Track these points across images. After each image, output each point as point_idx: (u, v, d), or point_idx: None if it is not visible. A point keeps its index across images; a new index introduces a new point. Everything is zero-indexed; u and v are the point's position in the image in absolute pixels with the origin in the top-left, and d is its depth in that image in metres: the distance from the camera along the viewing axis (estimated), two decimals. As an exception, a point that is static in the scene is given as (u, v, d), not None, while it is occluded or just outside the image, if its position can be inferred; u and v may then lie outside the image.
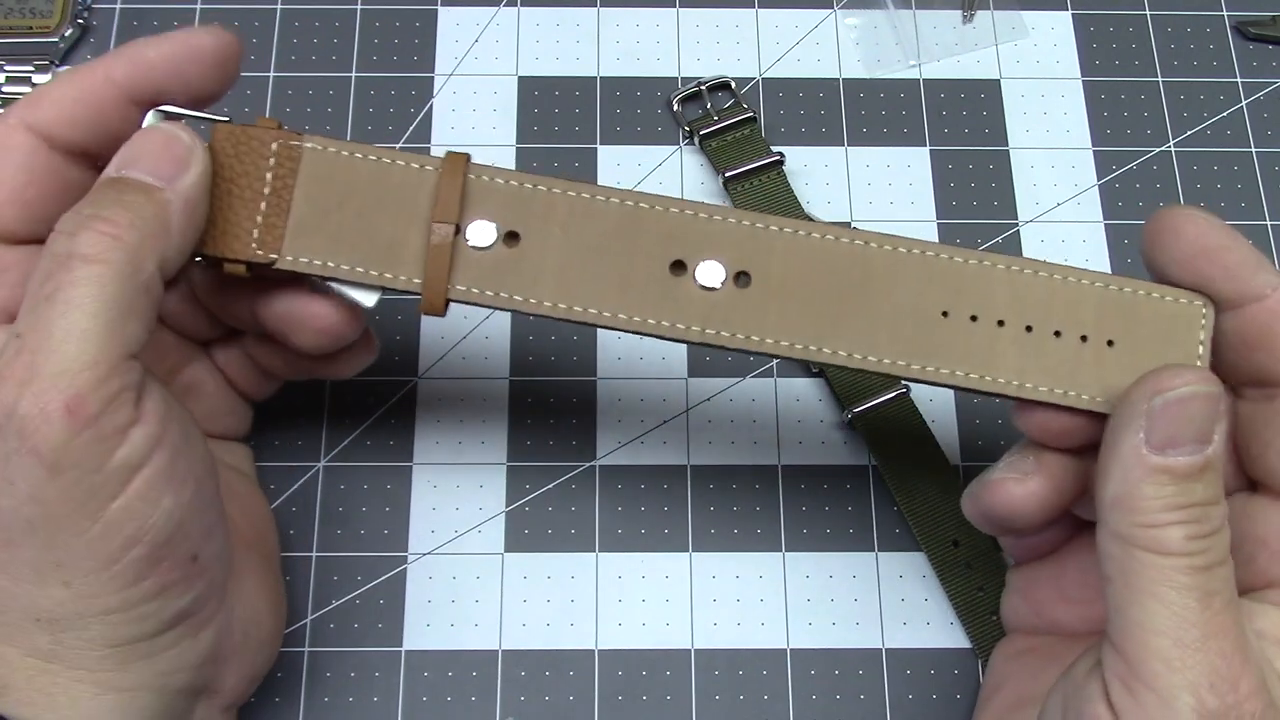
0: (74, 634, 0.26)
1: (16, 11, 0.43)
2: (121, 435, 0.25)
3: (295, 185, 0.29)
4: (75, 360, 0.24)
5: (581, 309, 0.29)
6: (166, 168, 0.27)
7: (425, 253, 0.29)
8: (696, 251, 0.29)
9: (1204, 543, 0.26)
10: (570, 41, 0.44)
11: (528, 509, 0.38)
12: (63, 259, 0.25)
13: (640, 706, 0.36)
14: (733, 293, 0.29)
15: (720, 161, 0.42)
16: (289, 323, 0.30)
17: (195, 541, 0.27)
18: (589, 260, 0.29)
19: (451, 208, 0.29)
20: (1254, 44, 0.45)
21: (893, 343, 0.29)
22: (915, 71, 0.44)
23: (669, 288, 0.29)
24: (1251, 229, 0.42)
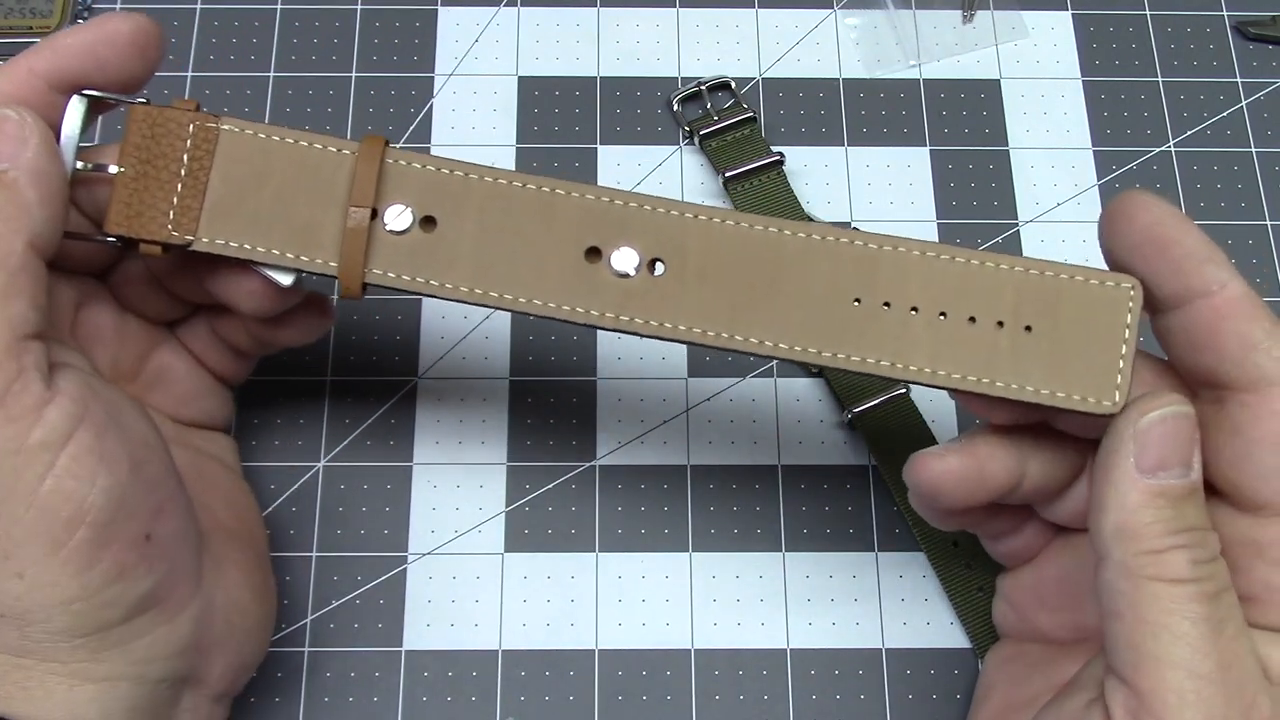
0: (40, 627, 0.26)
1: (16, 11, 0.43)
2: (35, 415, 0.25)
3: (212, 167, 0.29)
4: None
5: (497, 294, 0.29)
6: (4, 148, 0.27)
7: (342, 236, 0.29)
8: (612, 238, 0.29)
9: (1208, 568, 0.25)
10: (570, 41, 0.44)
11: (528, 509, 0.38)
12: None
13: (640, 706, 0.36)
14: (646, 280, 0.29)
15: (720, 162, 0.42)
16: (228, 295, 0.31)
17: (145, 521, 0.27)
18: (504, 245, 0.29)
19: (368, 192, 0.29)
20: (1254, 44, 0.45)
21: (805, 330, 0.28)
22: (915, 71, 0.44)
23: (584, 274, 0.29)
24: (1251, 229, 0.42)
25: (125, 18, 0.29)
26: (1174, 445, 0.26)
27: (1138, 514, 0.26)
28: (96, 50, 0.29)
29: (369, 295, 0.30)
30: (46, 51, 0.29)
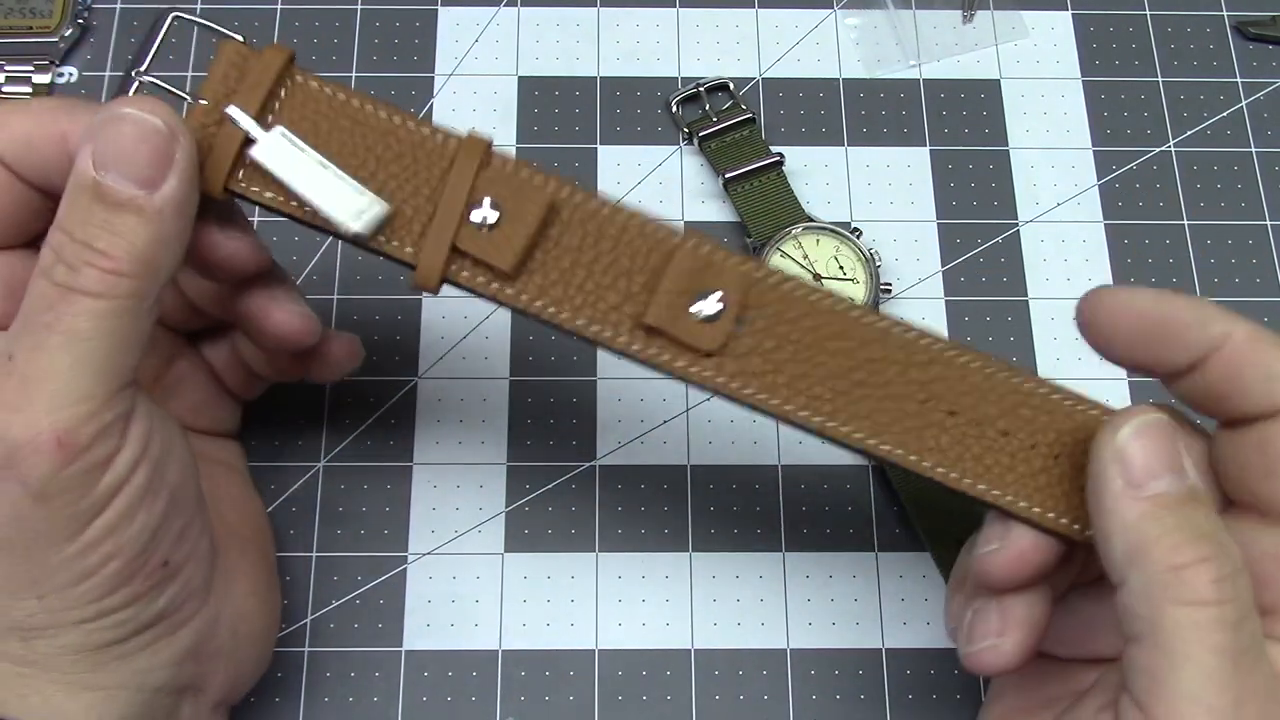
0: (46, 641, 0.26)
1: (16, 11, 0.43)
2: (108, 463, 0.25)
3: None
4: (71, 393, 0.24)
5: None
6: (149, 169, 0.25)
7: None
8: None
9: (1231, 587, 0.24)
10: (570, 41, 0.44)
11: (528, 509, 0.38)
12: (64, 291, 0.25)
13: (640, 706, 0.36)
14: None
15: (720, 163, 0.42)
16: (252, 320, 0.30)
17: (166, 548, 0.27)
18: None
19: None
20: (1254, 44, 0.45)
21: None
22: (915, 71, 0.44)
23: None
24: (1251, 229, 0.42)
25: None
26: (1157, 453, 0.25)
27: (1142, 529, 0.25)
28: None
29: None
30: (80, 110, 0.27)
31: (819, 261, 0.40)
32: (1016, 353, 0.40)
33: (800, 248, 0.40)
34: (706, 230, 0.42)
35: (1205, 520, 0.25)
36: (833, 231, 0.40)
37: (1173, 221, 0.42)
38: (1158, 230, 0.42)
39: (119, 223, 0.25)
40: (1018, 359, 0.40)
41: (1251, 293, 0.41)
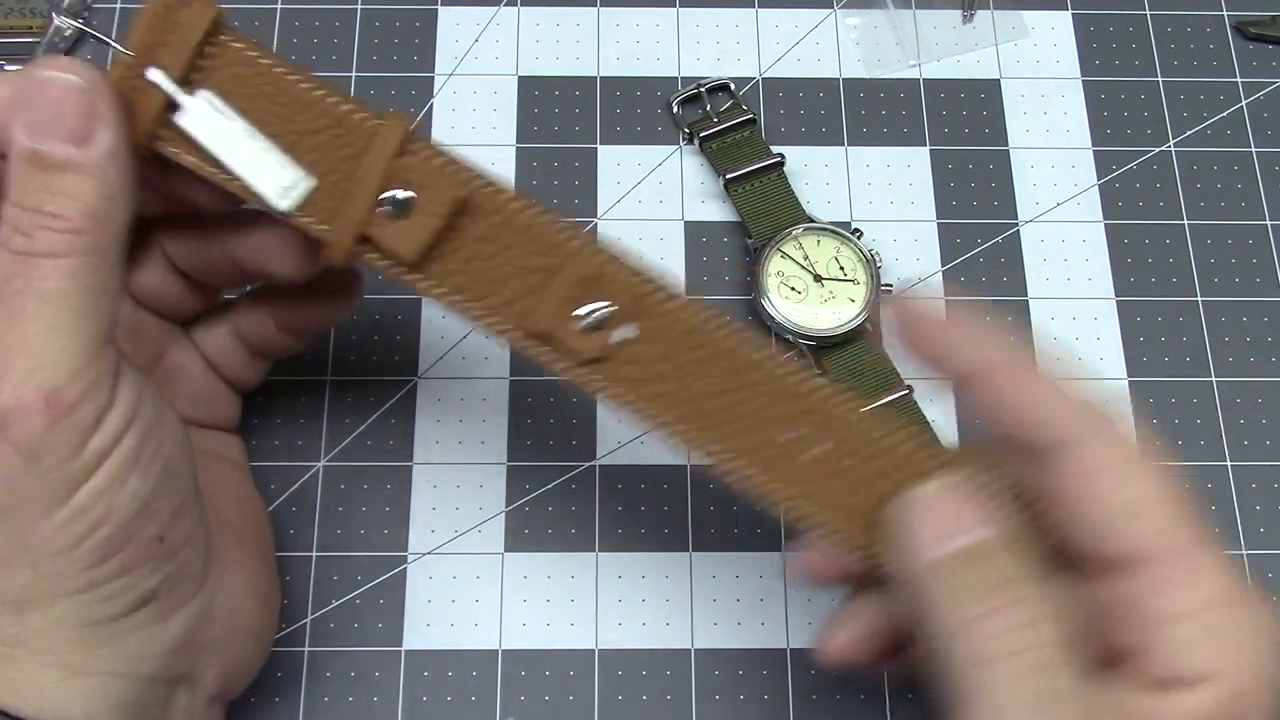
0: (39, 614, 0.26)
1: (16, 11, 0.43)
2: (97, 421, 0.25)
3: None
4: (52, 353, 0.25)
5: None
6: (77, 126, 0.26)
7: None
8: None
9: (1027, 635, 0.24)
10: (570, 41, 0.44)
11: (528, 509, 0.38)
12: (24, 258, 0.25)
13: (640, 706, 0.36)
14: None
15: (720, 163, 0.42)
16: (265, 251, 0.30)
17: (162, 522, 0.27)
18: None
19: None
20: (1254, 44, 0.45)
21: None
22: (915, 71, 0.44)
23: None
24: (1251, 229, 0.42)
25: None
26: (944, 519, 0.25)
27: (930, 589, 0.25)
28: None
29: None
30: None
31: (819, 262, 0.40)
32: (1016, 353, 0.40)
33: (801, 248, 0.40)
34: (708, 230, 0.42)
35: (994, 573, 0.25)
36: (833, 232, 0.40)
37: (1173, 221, 0.42)
38: (1158, 230, 0.42)
39: (61, 183, 0.25)
40: (1018, 359, 0.40)
41: (1251, 293, 0.41)
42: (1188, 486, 0.39)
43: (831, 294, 0.40)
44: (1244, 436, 0.39)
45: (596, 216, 0.42)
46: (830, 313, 0.40)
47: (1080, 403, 0.26)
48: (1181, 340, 0.41)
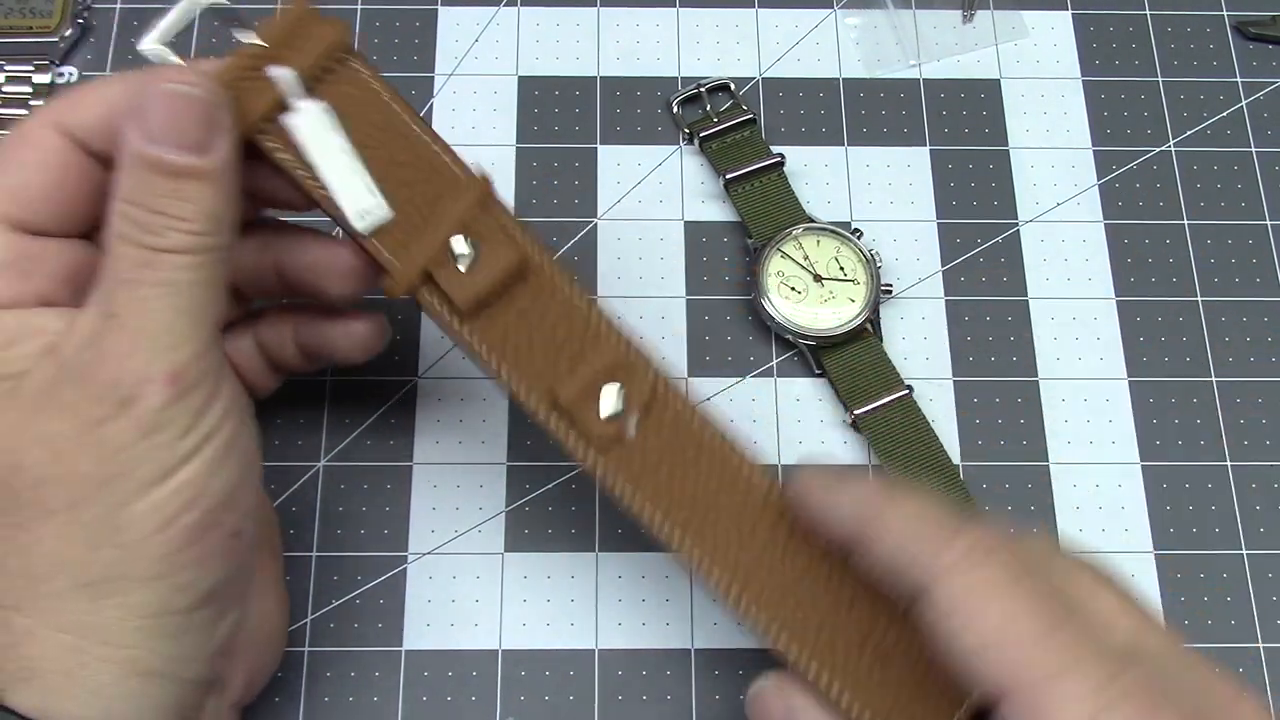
0: (115, 600, 0.26)
1: (16, 11, 0.43)
2: (206, 407, 0.27)
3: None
4: (177, 336, 0.27)
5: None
6: (200, 137, 0.27)
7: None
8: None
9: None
10: (570, 41, 0.44)
11: (528, 509, 0.38)
12: (154, 253, 0.27)
13: (640, 706, 0.36)
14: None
15: (720, 163, 0.42)
16: (319, 269, 0.32)
17: (239, 517, 0.28)
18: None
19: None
20: (1254, 44, 0.45)
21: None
22: (915, 71, 0.44)
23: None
24: (1251, 229, 0.42)
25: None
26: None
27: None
28: None
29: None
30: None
31: (819, 263, 0.40)
32: (1016, 353, 0.40)
33: (801, 248, 0.40)
34: (708, 230, 0.42)
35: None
36: (833, 232, 0.40)
37: (1173, 221, 0.42)
38: (1158, 230, 0.42)
39: (185, 189, 0.27)
40: (1017, 360, 0.40)
41: (1251, 293, 0.41)
42: (1188, 486, 0.39)
43: (831, 294, 0.40)
44: (1244, 436, 0.39)
45: (596, 216, 0.42)
46: (830, 313, 0.40)
47: (947, 535, 0.26)
48: (1181, 340, 0.41)
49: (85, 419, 0.26)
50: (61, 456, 0.26)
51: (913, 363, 0.40)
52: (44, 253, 0.29)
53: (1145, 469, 0.39)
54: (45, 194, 0.29)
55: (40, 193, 0.29)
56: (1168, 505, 0.38)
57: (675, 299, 0.41)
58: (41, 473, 0.26)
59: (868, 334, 0.40)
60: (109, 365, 0.26)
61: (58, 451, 0.26)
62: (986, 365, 0.40)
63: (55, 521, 0.26)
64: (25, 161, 0.29)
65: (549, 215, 0.42)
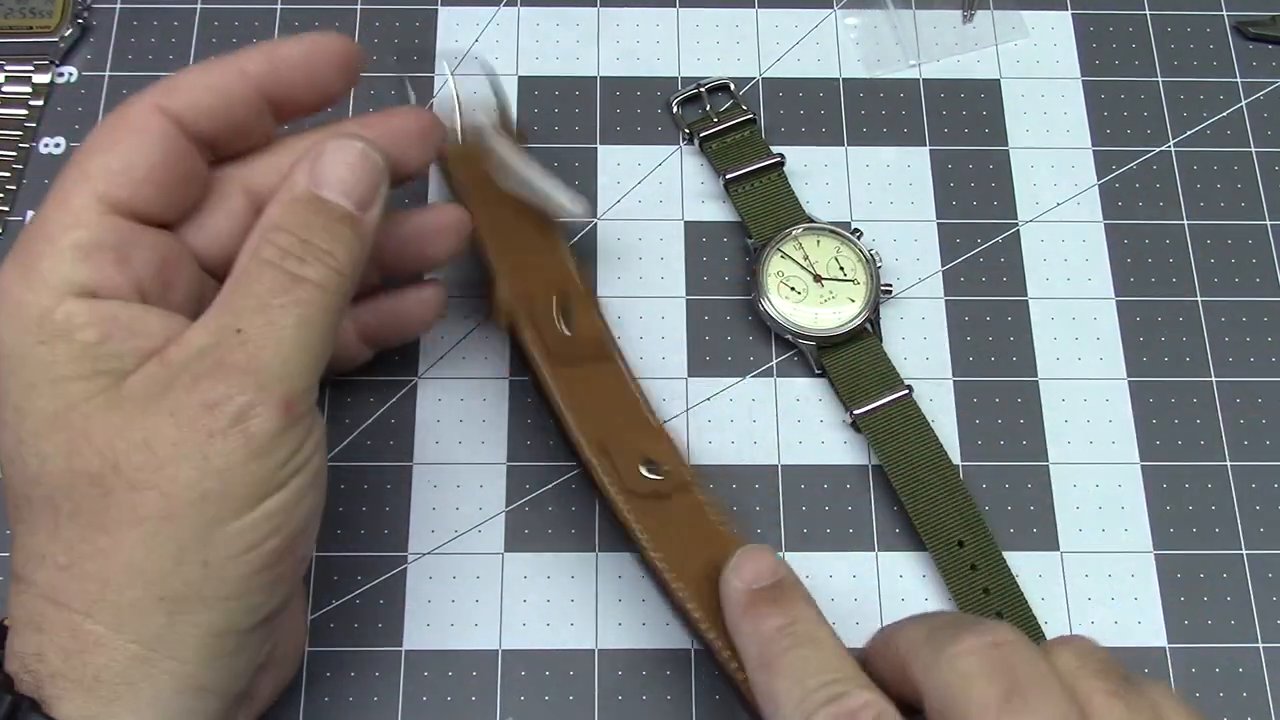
0: (188, 618, 0.26)
1: (16, 11, 0.43)
2: (307, 437, 0.28)
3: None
4: (298, 365, 0.27)
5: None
6: (363, 193, 0.29)
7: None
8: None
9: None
10: (570, 41, 0.44)
11: (528, 509, 0.38)
12: (295, 278, 0.28)
13: (640, 706, 0.36)
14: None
15: (721, 163, 0.42)
16: (423, 233, 0.35)
17: (309, 542, 0.29)
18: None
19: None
20: (1254, 44, 0.45)
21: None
22: (915, 71, 0.44)
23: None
24: (1251, 229, 0.42)
25: (341, 39, 0.31)
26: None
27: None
28: (313, 65, 0.31)
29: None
30: (260, 56, 0.30)
31: (819, 263, 0.40)
32: (1016, 353, 0.40)
33: (801, 248, 0.40)
34: (708, 230, 0.42)
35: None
36: (833, 232, 0.40)
37: (1173, 221, 0.42)
38: (1158, 230, 0.42)
39: (339, 231, 0.29)
40: (1017, 360, 0.40)
41: (1251, 292, 0.41)
42: (1188, 486, 0.39)
43: (831, 294, 0.40)
44: (1244, 436, 0.39)
45: (597, 216, 0.42)
46: (830, 313, 0.40)
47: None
48: (1181, 340, 0.41)
49: (195, 430, 0.26)
50: (164, 464, 0.26)
51: (913, 363, 0.40)
52: (141, 240, 0.29)
53: (1145, 469, 0.39)
54: (149, 176, 0.29)
55: (145, 174, 0.29)
56: (1168, 505, 0.38)
57: (675, 299, 0.41)
58: (139, 477, 0.26)
59: (868, 334, 0.40)
60: (228, 379, 0.26)
61: (161, 458, 0.26)
62: (986, 365, 0.40)
63: (143, 530, 0.26)
64: (130, 143, 0.29)
65: (549, 215, 0.42)
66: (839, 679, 0.29)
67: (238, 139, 0.31)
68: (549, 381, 0.36)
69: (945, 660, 0.27)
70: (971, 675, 0.27)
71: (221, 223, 0.31)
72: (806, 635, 0.30)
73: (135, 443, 0.26)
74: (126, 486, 0.26)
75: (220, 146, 0.31)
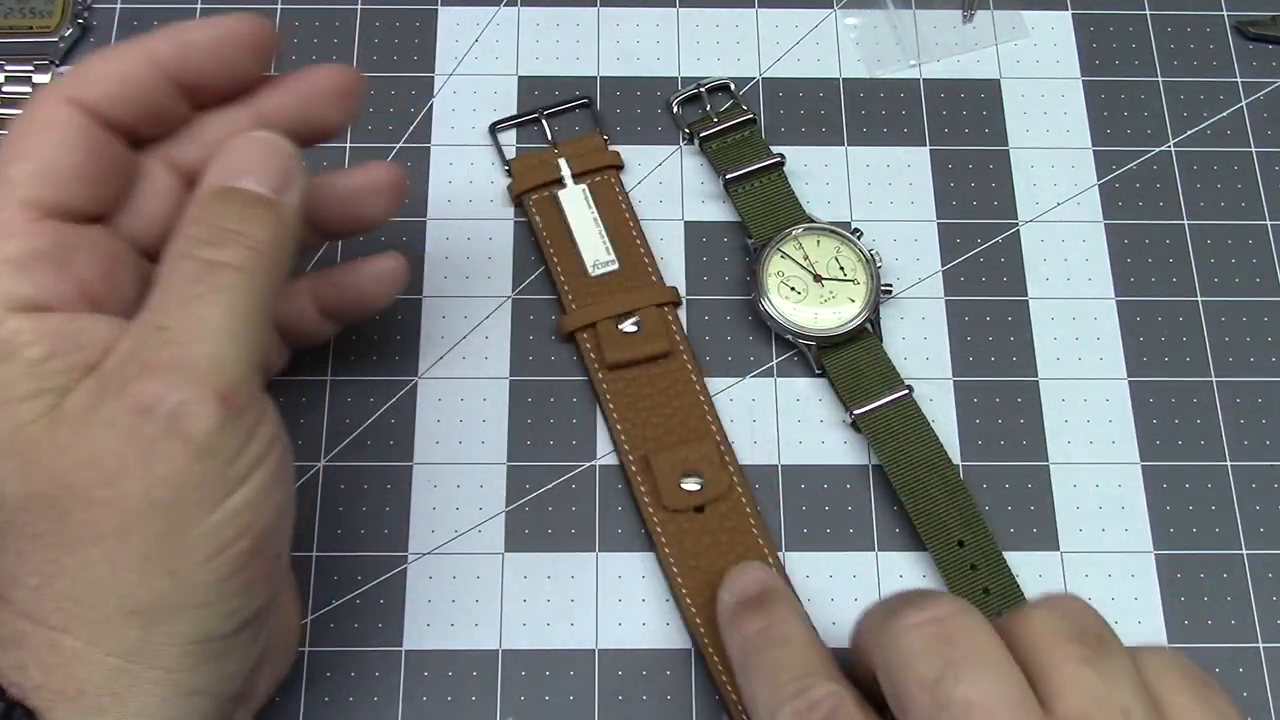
0: (164, 628, 0.26)
1: (16, 11, 0.43)
2: (254, 431, 0.27)
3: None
4: (229, 355, 0.26)
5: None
6: (276, 179, 0.29)
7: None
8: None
9: None
10: (570, 41, 0.44)
11: (528, 509, 0.38)
12: (211, 265, 0.27)
13: (640, 706, 0.36)
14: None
15: (721, 163, 0.42)
16: (361, 192, 0.34)
17: (282, 541, 0.28)
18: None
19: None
20: (1254, 44, 0.45)
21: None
22: (915, 71, 0.44)
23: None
24: (1251, 229, 0.42)
25: (253, 20, 0.30)
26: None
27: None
28: (221, 49, 0.30)
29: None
30: (167, 41, 0.29)
31: (819, 263, 0.40)
32: (1016, 353, 0.40)
33: (801, 248, 0.40)
34: (708, 230, 0.42)
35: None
36: (833, 232, 0.40)
37: (1173, 221, 0.42)
38: (1158, 230, 0.42)
39: (254, 214, 0.28)
40: (1017, 360, 0.40)
41: (1251, 292, 0.41)
42: (1188, 486, 0.39)
43: (831, 294, 0.40)
44: (1244, 436, 0.39)
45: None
46: (830, 313, 0.40)
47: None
48: (1181, 340, 0.41)
49: (134, 439, 0.25)
50: (112, 479, 0.25)
51: (913, 363, 0.40)
52: (78, 241, 0.28)
53: (1145, 469, 0.39)
54: (74, 173, 0.28)
55: (69, 171, 0.28)
56: (1168, 505, 0.38)
57: (675, 299, 0.41)
58: (91, 494, 0.25)
59: (868, 334, 0.40)
60: (157, 380, 0.25)
61: (107, 473, 0.25)
62: (986, 365, 0.40)
63: (104, 546, 0.25)
64: (47, 142, 0.28)
65: (549, 215, 0.42)
66: (808, 674, 0.29)
67: (154, 125, 0.30)
68: (600, 387, 0.38)
69: (888, 638, 0.27)
70: (911, 651, 0.26)
71: (153, 204, 0.30)
72: (780, 636, 0.30)
73: (82, 460, 0.25)
74: (81, 505, 0.25)
75: (139, 132, 0.30)
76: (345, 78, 0.32)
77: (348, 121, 0.32)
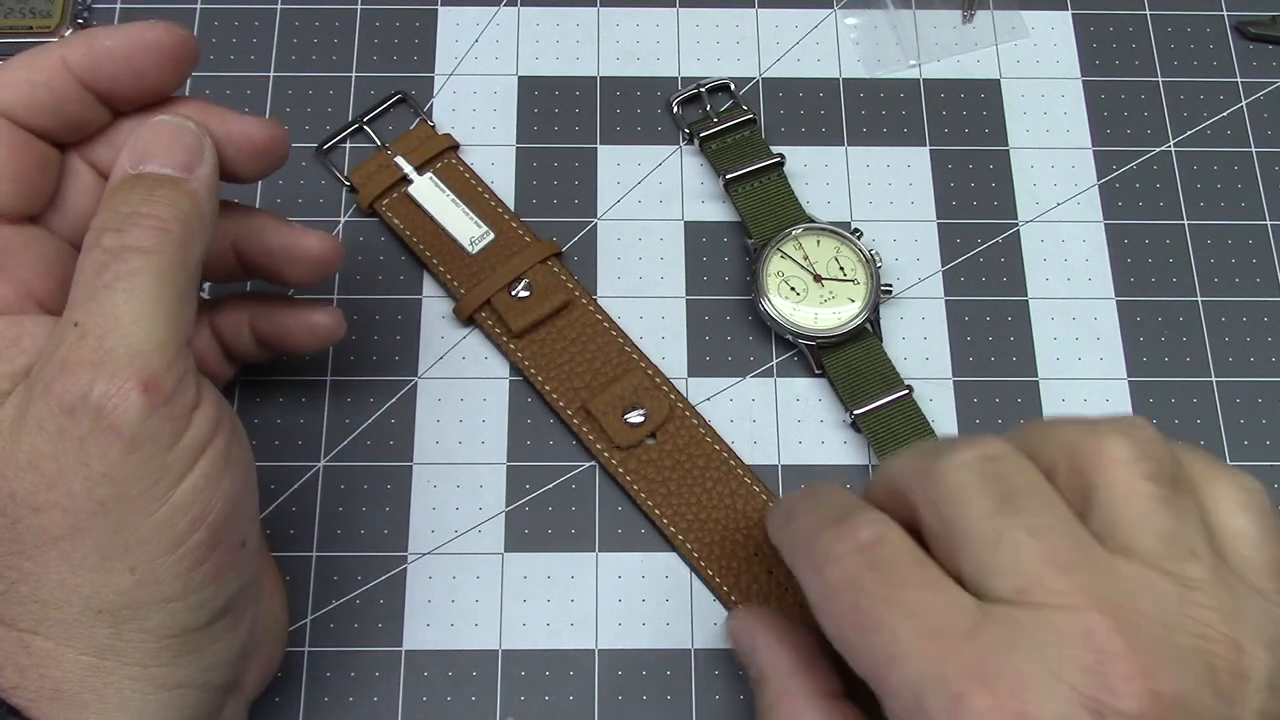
0: (134, 625, 0.26)
1: (16, 11, 0.43)
2: (189, 416, 0.26)
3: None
4: (146, 341, 0.25)
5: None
6: (182, 158, 0.28)
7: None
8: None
9: None
10: (570, 41, 0.44)
11: (528, 509, 0.38)
12: (115, 251, 0.26)
13: (640, 706, 0.36)
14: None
15: (720, 164, 0.42)
16: (283, 255, 0.33)
17: (245, 527, 0.28)
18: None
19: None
20: (1254, 44, 0.45)
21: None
22: (915, 71, 0.44)
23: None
24: (1251, 229, 0.42)
25: (165, 26, 0.29)
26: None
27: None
28: (135, 56, 0.29)
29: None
30: (80, 48, 0.29)
31: (819, 263, 0.40)
32: (1017, 353, 0.40)
33: (801, 248, 0.40)
34: (708, 230, 0.42)
35: None
36: (833, 232, 0.40)
37: (1173, 221, 0.42)
38: (1158, 230, 0.42)
39: (160, 193, 0.27)
40: (1017, 360, 0.40)
41: (1251, 292, 0.41)
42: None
43: (831, 294, 0.40)
44: (1244, 436, 0.39)
45: (596, 216, 0.42)
46: (830, 313, 0.40)
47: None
48: (1181, 340, 0.41)
49: (66, 439, 0.25)
50: (53, 482, 0.25)
51: (913, 363, 0.40)
52: (13, 242, 0.28)
53: (1145, 469, 0.39)
54: (2, 171, 0.28)
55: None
56: (1168, 505, 0.38)
57: (675, 299, 0.41)
58: (38, 499, 0.25)
59: (868, 334, 0.40)
60: (78, 377, 0.25)
61: (47, 477, 0.25)
62: (986, 365, 0.40)
63: (60, 548, 0.25)
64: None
65: (549, 215, 0.42)
66: (848, 505, 0.28)
67: (73, 130, 0.29)
68: (517, 359, 0.38)
69: (937, 475, 0.27)
70: (965, 485, 0.26)
71: (83, 202, 0.30)
72: (823, 489, 0.30)
73: (22, 466, 0.25)
74: (30, 511, 0.25)
75: (58, 137, 0.29)
76: (267, 132, 0.31)
77: (260, 177, 0.31)
